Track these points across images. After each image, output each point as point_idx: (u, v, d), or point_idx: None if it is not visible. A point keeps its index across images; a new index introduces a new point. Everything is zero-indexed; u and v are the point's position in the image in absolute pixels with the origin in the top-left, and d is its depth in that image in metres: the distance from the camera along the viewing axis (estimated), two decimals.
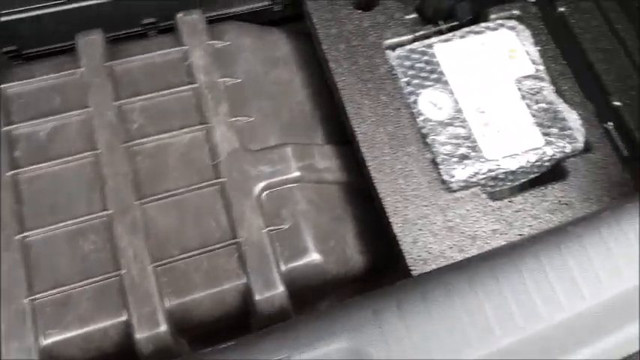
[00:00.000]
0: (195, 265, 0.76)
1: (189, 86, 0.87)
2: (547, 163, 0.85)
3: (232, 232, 0.78)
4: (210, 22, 0.97)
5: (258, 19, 1.06)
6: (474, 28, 0.94)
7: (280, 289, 0.75)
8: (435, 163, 0.85)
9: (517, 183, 0.87)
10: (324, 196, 0.85)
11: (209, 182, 0.81)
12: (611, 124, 0.88)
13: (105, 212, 0.78)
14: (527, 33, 0.93)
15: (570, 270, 0.51)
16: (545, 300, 0.53)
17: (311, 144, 0.88)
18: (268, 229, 0.79)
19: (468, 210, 0.81)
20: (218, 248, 0.77)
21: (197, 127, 0.84)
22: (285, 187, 0.83)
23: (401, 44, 0.93)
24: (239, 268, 0.76)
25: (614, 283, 0.50)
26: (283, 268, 0.77)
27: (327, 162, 0.87)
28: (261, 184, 0.81)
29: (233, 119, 0.85)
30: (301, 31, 1.00)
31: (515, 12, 0.95)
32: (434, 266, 0.77)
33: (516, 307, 0.53)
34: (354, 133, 0.86)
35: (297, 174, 0.83)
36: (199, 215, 0.79)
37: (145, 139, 0.83)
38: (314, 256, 0.80)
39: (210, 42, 0.90)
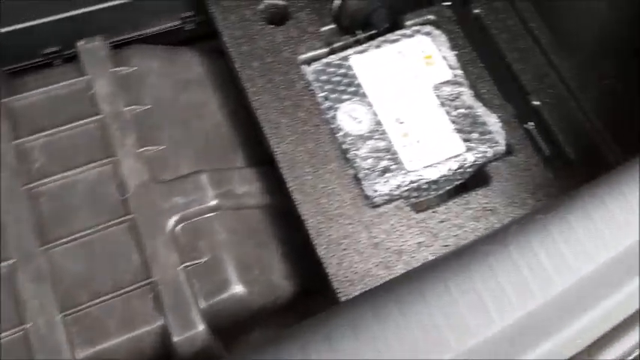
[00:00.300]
0: (108, 311, 0.72)
1: (94, 118, 0.82)
2: (469, 169, 0.84)
3: (146, 272, 0.74)
4: (117, 46, 0.93)
5: (170, 39, 1.02)
6: (389, 36, 0.92)
7: (200, 327, 0.71)
8: (357, 179, 0.82)
9: (441, 191, 0.85)
10: (246, 223, 0.82)
11: (118, 220, 0.76)
12: (531, 124, 0.87)
13: (6, 262, 0.72)
14: (443, 38, 0.91)
15: (478, 292, 0.48)
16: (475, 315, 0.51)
17: (229, 168, 0.84)
18: (184, 264, 0.75)
19: (392, 224, 0.79)
20: (132, 290, 0.73)
21: (104, 162, 0.80)
22: (201, 217, 0.79)
23: (317, 58, 0.91)
24: (155, 310, 0.72)
25: (524, 303, 0.48)
26: (203, 304, 0.74)
27: (247, 186, 0.83)
28: (175, 217, 0.77)
29: (142, 150, 0.81)
30: (217, 49, 0.97)
31: (431, 17, 0.94)
32: (361, 287, 0.74)
33: (447, 326, 0.51)
34: (273, 153, 0.82)
35: (214, 202, 0.79)
36: (110, 256, 0.74)
37: (47, 179, 0.78)
38: (237, 289, 0.76)
39: (114, 69, 0.86)
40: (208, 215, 0.79)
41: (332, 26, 0.99)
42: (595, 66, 0.89)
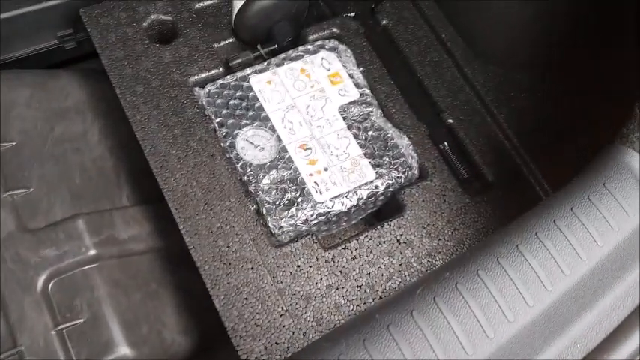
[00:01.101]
0: None
1: None
2: (382, 197, 0.77)
3: (12, 339, 0.63)
4: None
5: (49, 60, 0.91)
6: (290, 53, 0.83)
7: None
8: (259, 215, 0.74)
9: (354, 222, 0.78)
10: (132, 272, 0.72)
11: None
12: (446, 144, 0.81)
13: None
14: (349, 53, 0.84)
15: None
16: None
17: (112, 209, 0.74)
18: (59, 327, 0.64)
19: (299, 266, 0.71)
20: None
21: None
22: (78, 270, 0.68)
23: (211, 79, 0.81)
24: None
25: None
26: None
27: (133, 229, 0.73)
28: (46, 273, 0.67)
29: (6, 194, 0.70)
30: (103, 68, 0.86)
31: (335, 30, 0.86)
32: (264, 341, 0.66)
33: None
34: (162, 190, 0.73)
35: (92, 252, 0.69)
36: None
37: None
38: (122, 351, 0.66)
39: None
40: (86, 267, 0.69)
41: (230, 40, 0.90)
42: (510, 79, 0.84)
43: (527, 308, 0.45)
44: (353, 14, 0.88)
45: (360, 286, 0.70)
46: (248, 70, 0.82)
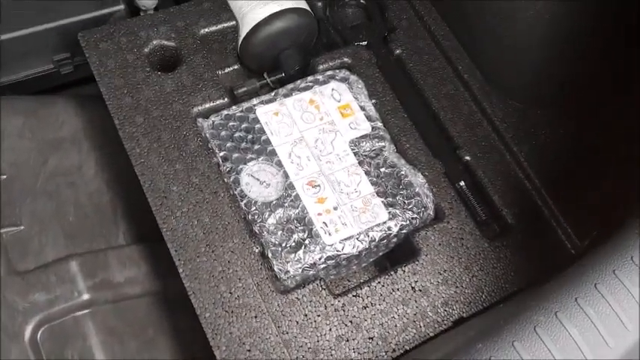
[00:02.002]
0: None
1: None
2: (395, 239, 0.72)
3: None
4: None
5: (44, 85, 0.86)
6: (299, 83, 0.79)
7: None
8: (264, 257, 0.69)
9: (364, 264, 0.74)
10: (128, 318, 0.67)
11: None
12: (463, 183, 0.76)
13: None
14: (360, 84, 0.80)
15: None
16: None
17: (107, 249, 0.69)
18: None
19: (306, 315, 0.66)
20: None
21: None
22: (70, 316, 0.63)
23: (215, 109, 0.77)
24: None
25: None
26: None
27: (129, 270, 0.69)
28: (35, 319, 0.62)
29: None
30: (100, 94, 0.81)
31: (346, 59, 0.82)
32: None
33: None
34: (161, 229, 0.68)
35: (85, 297, 0.65)
36: None
37: None
38: None
39: None
40: (79, 314, 0.64)
41: (235, 67, 0.85)
42: (530, 115, 0.80)
43: None
44: (365, 43, 0.84)
45: (372, 338, 0.66)
46: (254, 101, 0.77)
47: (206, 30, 0.81)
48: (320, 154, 0.75)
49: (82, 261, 0.66)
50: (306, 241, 0.69)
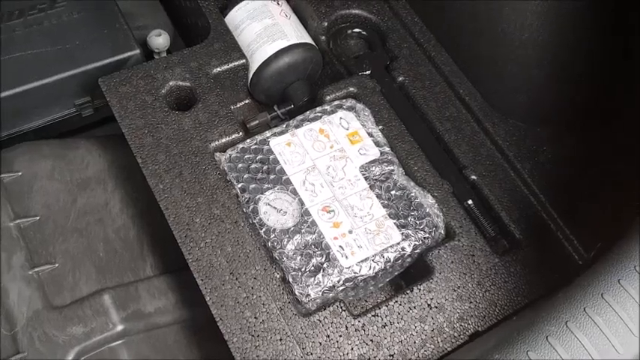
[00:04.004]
0: None
1: None
2: (409, 259, 0.75)
3: None
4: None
5: (65, 128, 0.90)
6: (308, 114, 0.83)
7: None
8: (285, 282, 0.72)
9: (381, 285, 0.77)
10: (159, 346, 0.70)
11: None
12: (470, 202, 0.80)
13: None
14: (367, 112, 0.84)
15: None
16: None
17: (137, 281, 0.73)
18: None
19: (328, 335, 0.69)
20: None
21: None
22: (105, 347, 0.67)
23: (232, 143, 0.81)
24: None
25: None
26: None
27: (159, 301, 0.72)
28: (74, 351, 0.65)
29: (32, 271, 0.69)
30: (119, 133, 0.86)
31: (352, 89, 0.86)
32: None
33: None
34: (187, 260, 0.72)
35: (120, 328, 0.68)
36: None
37: None
38: None
39: None
40: (114, 344, 0.67)
41: (246, 102, 0.90)
42: (531, 133, 0.84)
43: None
44: (369, 72, 0.88)
45: (392, 355, 0.69)
46: (267, 133, 0.82)
47: (218, 69, 0.85)
48: (332, 181, 0.79)
49: (114, 294, 0.70)
50: (325, 265, 0.73)
